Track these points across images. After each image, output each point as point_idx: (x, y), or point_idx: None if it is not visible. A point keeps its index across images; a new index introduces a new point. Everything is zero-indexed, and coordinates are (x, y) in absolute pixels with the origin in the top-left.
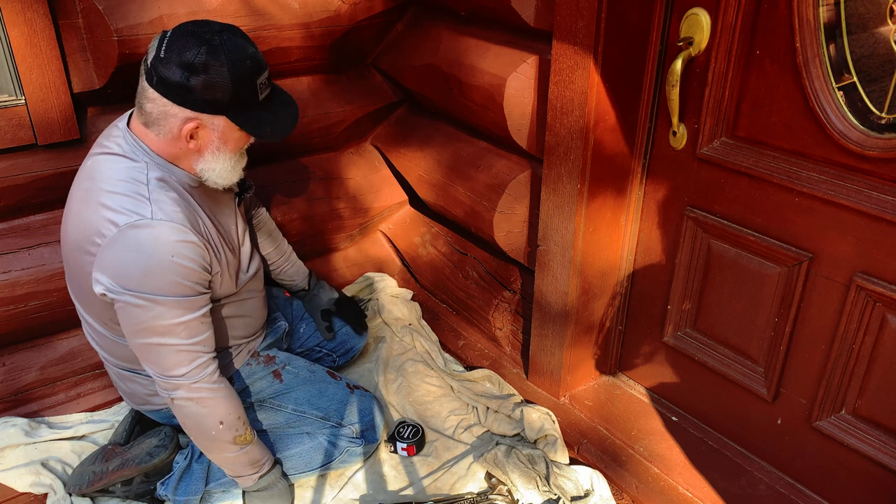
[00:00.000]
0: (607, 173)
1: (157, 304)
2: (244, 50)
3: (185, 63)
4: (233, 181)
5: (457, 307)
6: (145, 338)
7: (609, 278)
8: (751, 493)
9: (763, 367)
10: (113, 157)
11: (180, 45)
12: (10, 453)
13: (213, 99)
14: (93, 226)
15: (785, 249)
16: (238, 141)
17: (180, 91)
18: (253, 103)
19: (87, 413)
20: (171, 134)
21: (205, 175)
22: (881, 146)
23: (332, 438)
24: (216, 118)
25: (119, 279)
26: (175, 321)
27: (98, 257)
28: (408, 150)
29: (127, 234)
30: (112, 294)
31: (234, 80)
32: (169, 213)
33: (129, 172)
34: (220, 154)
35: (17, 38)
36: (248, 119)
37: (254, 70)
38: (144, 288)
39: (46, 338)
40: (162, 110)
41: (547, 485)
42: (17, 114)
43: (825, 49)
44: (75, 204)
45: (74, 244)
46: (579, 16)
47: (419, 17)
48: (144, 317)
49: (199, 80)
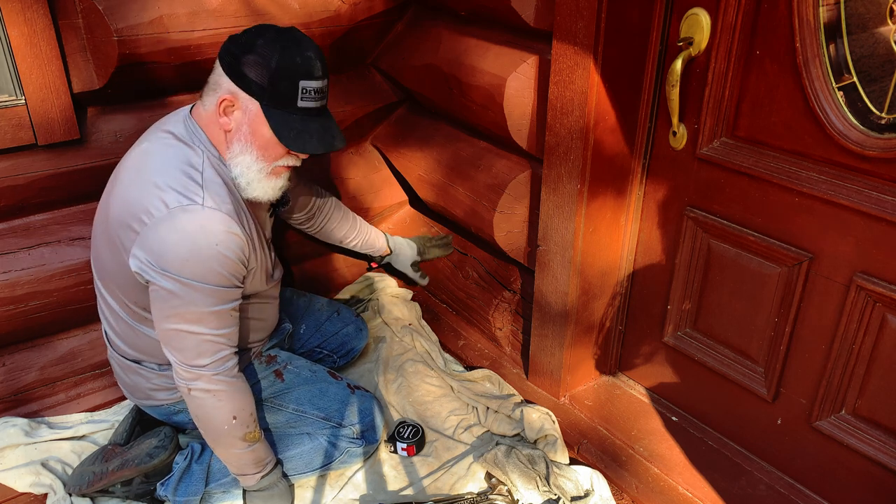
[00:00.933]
0: (607, 173)
1: (193, 289)
2: (302, 50)
3: (247, 41)
4: (267, 196)
5: (457, 307)
6: (174, 323)
7: (609, 278)
8: (751, 493)
9: (763, 367)
10: (170, 141)
11: (259, 29)
12: (10, 453)
13: (254, 79)
14: (142, 203)
15: (785, 249)
16: (267, 144)
17: (230, 61)
18: (291, 106)
19: (87, 413)
20: (213, 106)
21: (235, 172)
22: (881, 146)
23: (333, 439)
24: (251, 102)
25: (160, 260)
26: (207, 310)
27: (142, 234)
28: (408, 150)
29: (176, 216)
30: (149, 274)
31: (278, 69)
32: (219, 202)
33: (185, 157)
34: (248, 147)
35: (17, 38)
36: (279, 116)
37: (302, 70)
38: (184, 272)
39: (46, 338)
40: (215, 79)
41: (547, 485)
42: (17, 114)
43: (825, 49)
44: (124, 181)
45: (118, 220)
46: (579, 16)
47: (419, 17)
48: (177, 301)
49: (250, 57)
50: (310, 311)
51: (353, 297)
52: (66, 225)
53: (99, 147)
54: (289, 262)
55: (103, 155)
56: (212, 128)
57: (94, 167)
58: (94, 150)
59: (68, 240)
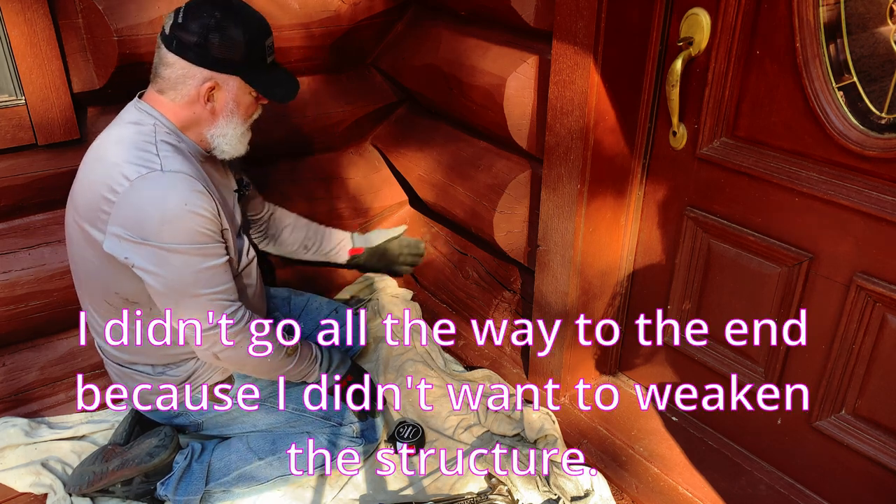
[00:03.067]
0: (607, 173)
1: (177, 253)
2: (253, 13)
3: (202, 25)
4: (241, 152)
5: (457, 307)
6: (173, 294)
7: (609, 278)
8: (751, 493)
9: (763, 367)
10: (120, 125)
11: (196, 10)
12: (10, 453)
13: (229, 58)
14: (104, 183)
15: (785, 249)
16: (249, 107)
17: (198, 50)
18: (262, 66)
19: (87, 413)
20: (187, 97)
21: (215, 142)
22: (881, 146)
23: (333, 438)
24: (231, 79)
25: (137, 230)
26: (196, 268)
27: (113, 214)
28: (408, 150)
29: (139, 185)
30: (129, 250)
31: (247, 40)
32: (177, 166)
33: (137, 133)
34: (232, 119)
35: (17, 38)
36: (260, 80)
37: (263, 32)
38: (163, 238)
39: (46, 338)
40: (181, 73)
41: (547, 485)
42: (17, 114)
43: (825, 49)
44: (84, 172)
45: (86, 208)
46: (579, 16)
47: (419, 17)
48: (167, 270)
49: (216, 39)
50: (307, 311)
51: (353, 297)
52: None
53: None
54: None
55: None
56: (179, 112)
57: None
58: None
59: None
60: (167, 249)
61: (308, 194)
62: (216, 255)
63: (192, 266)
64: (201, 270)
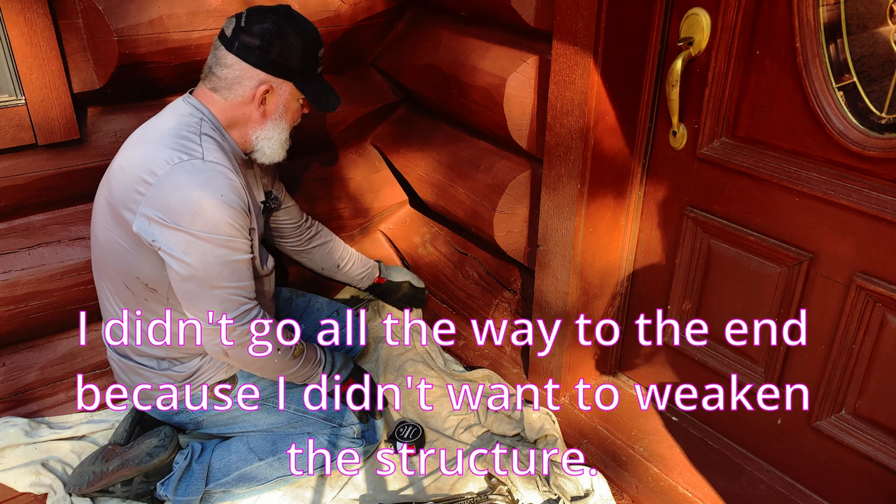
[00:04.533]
0: (607, 173)
1: (206, 241)
2: (310, 25)
3: (265, 30)
4: (280, 158)
5: (457, 307)
6: (193, 283)
7: (609, 278)
8: (751, 493)
9: (763, 367)
10: (166, 115)
11: (259, 16)
12: (10, 453)
13: (286, 63)
14: (144, 165)
15: (785, 249)
16: (295, 112)
17: (259, 54)
18: (313, 75)
19: (87, 413)
20: (242, 97)
21: (259, 144)
22: (881, 146)
23: (333, 439)
24: (285, 84)
25: (170, 214)
26: (223, 260)
27: (147, 195)
28: (408, 150)
29: (179, 170)
30: (157, 233)
31: (304, 49)
32: (218, 158)
33: (182, 124)
34: (279, 123)
35: (17, 38)
36: (311, 88)
37: (318, 43)
38: (195, 225)
39: (46, 338)
40: (238, 74)
41: (547, 485)
42: (17, 114)
43: (825, 49)
44: (122, 159)
45: (120, 192)
46: (579, 16)
47: (419, 17)
48: (193, 258)
49: (277, 45)
50: (309, 312)
51: (354, 298)
52: (66, 225)
53: (99, 147)
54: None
55: (103, 155)
56: (230, 110)
57: (94, 167)
58: (94, 150)
59: (68, 240)
60: (197, 237)
61: (308, 194)
62: (242, 251)
63: (218, 256)
64: (226, 263)
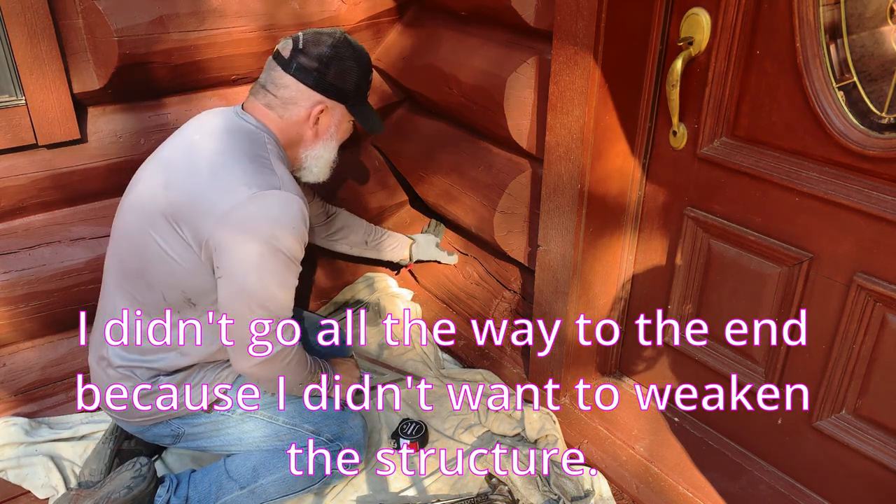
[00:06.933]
0: (607, 173)
1: (269, 270)
2: (364, 51)
3: (322, 54)
4: (324, 178)
5: (457, 307)
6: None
7: (609, 278)
8: (751, 493)
9: (763, 367)
10: (225, 132)
11: (317, 40)
12: (10, 453)
13: (342, 87)
14: (222, 186)
15: (785, 249)
16: (345, 133)
17: (317, 76)
18: (363, 98)
19: (87, 413)
20: (297, 116)
21: (308, 163)
22: (881, 146)
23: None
24: (338, 106)
25: (242, 241)
26: (281, 284)
27: (223, 220)
28: (408, 150)
29: (259, 198)
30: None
31: (358, 74)
32: (295, 189)
33: (251, 144)
34: (329, 143)
35: (17, 38)
36: (362, 110)
37: (370, 69)
38: (265, 253)
39: (46, 338)
40: (294, 94)
41: (547, 485)
42: (17, 114)
43: (825, 49)
44: (181, 171)
45: (188, 212)
46: (579, 16)
47: (419, 17)
48: (254, 283)
49: (334, 68)
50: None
51: (353, 298)
52: (66, 225)
53: (99, 147)
54: None
55: (103, 155)
56: (285, 129)
57: (94, 167)
58: (95, 151)
59: (68, 240)
60: (265, 267)
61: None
62: (296, 276)
63: (278, 282)
64: (283, 288)
